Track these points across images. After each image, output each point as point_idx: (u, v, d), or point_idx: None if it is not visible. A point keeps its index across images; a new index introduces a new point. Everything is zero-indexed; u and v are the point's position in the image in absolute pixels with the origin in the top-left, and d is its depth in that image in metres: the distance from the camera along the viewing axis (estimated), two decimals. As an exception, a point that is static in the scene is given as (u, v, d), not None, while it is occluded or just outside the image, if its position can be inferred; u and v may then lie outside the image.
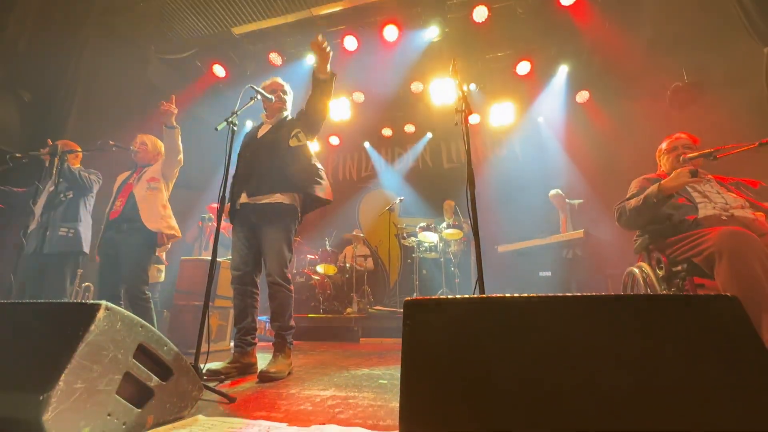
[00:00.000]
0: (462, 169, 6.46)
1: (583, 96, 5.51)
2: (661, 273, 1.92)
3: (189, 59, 5.27)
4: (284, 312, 2.13)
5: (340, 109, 6.21)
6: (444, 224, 5.12)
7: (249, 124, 5.85)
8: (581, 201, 4.64)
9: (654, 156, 2.35)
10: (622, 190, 2.36)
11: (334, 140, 7.08)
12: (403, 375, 0.78)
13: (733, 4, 3.25)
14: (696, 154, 2.02)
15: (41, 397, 0.90)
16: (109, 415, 1.03)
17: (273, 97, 2.32)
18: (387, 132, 6.86)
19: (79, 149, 2.75)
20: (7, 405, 0.95)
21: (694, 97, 4.33)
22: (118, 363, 1.07)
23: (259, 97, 2.18)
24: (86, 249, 2.79)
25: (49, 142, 2.59)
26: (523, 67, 5.29)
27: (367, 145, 7.10)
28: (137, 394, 1.13)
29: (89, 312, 1.04)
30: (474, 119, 6.13)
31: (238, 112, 1.97)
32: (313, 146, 6.73)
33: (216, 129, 1.85)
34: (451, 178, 6.31)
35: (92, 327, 1.01)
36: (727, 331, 0.71)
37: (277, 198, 2.17)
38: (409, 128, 6.74)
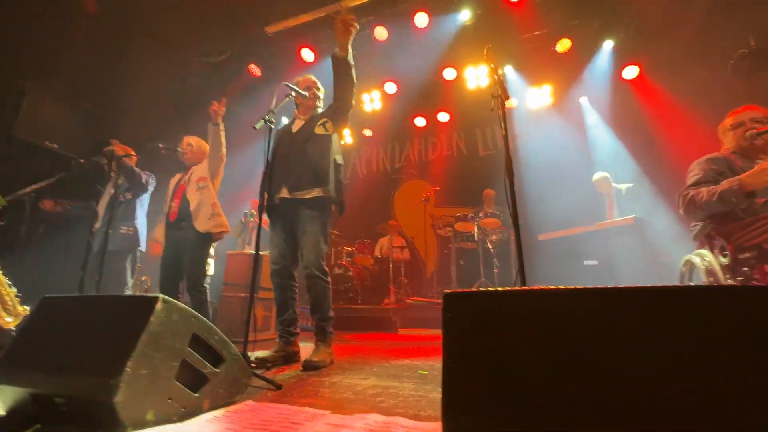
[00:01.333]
0: (498, 155, 6.26)
1: (631, 71, 5.10)
2: (725, 261, 1.76)
3: (226, 61, 5.47)
4: (323, 303, 2.19)
5: (372, 100, 6.21)
6: (481, 213, 5.00)
7: (285, 121, 6.00)
8: (630, 185, 4.34)
9: (716, 133, 2.14)
10: (678, 172, 2.18)
11: (368, 132, 7.10)
12: (445, 368, 0.78)
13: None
14: (766, 129, 1.81)
15: (112, 381, 0.99)
16: (169, 399, 1.12)
17: (307, 94, 2.35)
18: (420, 121, 6.77)
19: (133, 153, 2.96)
20: (81, 387, 1.06)
21: (762, 64, 3.88)
22: (175, 351, 1.15)
23: (293, 93, 2.22)
24: (143, 246, 3.01)
25: (114, 142, 2.81)
26: (563, 45, 4.98)
27: (400, 135, 7.06)
28: (193, 380, 1.21)
29: (149, 304, 1.13)
30: (510, 103, 5.90)
31: (275, 110, 2.02)
32: (345, 139, 6.82)
33: (254, 128, 1.92)
34: (488, 166, 6.14)
35: (152, 318, 1.10)
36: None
37: (316, 192, 2.23)
38: (443, 116, 6.60)
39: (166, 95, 4.90)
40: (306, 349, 2.27)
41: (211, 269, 4.65)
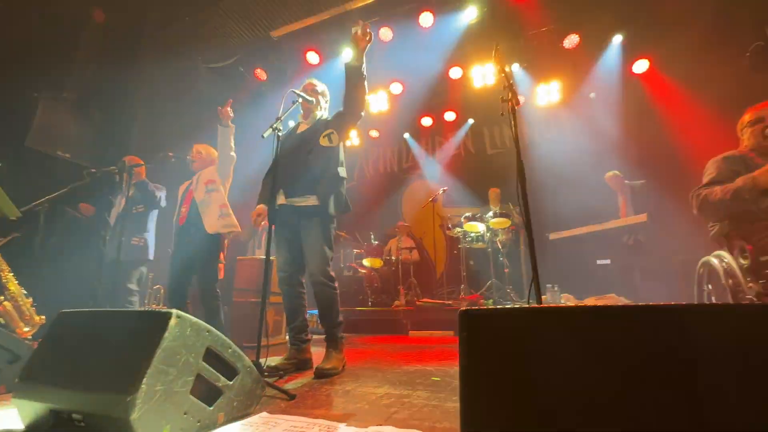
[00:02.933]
0: (507, 154, 6.19)
1: (641, 65, 5.01)
2: (745, 263, 1.71)
3: (233, 66, 5.50)
4: (331, 310, 2.19)
5: (378, 101, 6.20)
6: (490, 213, 4.95)
7: (290, 124, 6.02)
8: (643, 182, 4.27)
9: (734, 129, 2.08)
10: (692, 168, 2.13)
11: (374, 133, 7.09)
12: (462, 386, 0.77)
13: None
14: (787, 125, 1.76)
15: (128, 399, 0.99)
16: (185, 413, 1.12)
17: (314, 99, 2.34)
18: (427, 121, 6.73)
19: (142, 162, 2.98)
20: (98, 404, 1.06)
21: (781, 56, 3.78)
22: (190, 366, 1.15)
23: (300, 100, 2.22)
24: (152, 257, 3.06)
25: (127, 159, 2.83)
26: (571, 41, 4.91)
27: (407, 136, 7.03)
28: (208, 393, 1.21)
29: (163, 320, 1.13)
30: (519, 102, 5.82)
31: (282, 118, 2.02)
32: (352, 140, 6.82)
33: (263, 137, 1.92)
34: (496, 165, 6.08)
35: (166, 334, 1.10)
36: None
37: (312, 201, 2.20)
38: (450, 116, 6.56)
39: (174, 103, 4.94)
40: (318, 354, 2.27)
41: (220, 273, 4.69)
